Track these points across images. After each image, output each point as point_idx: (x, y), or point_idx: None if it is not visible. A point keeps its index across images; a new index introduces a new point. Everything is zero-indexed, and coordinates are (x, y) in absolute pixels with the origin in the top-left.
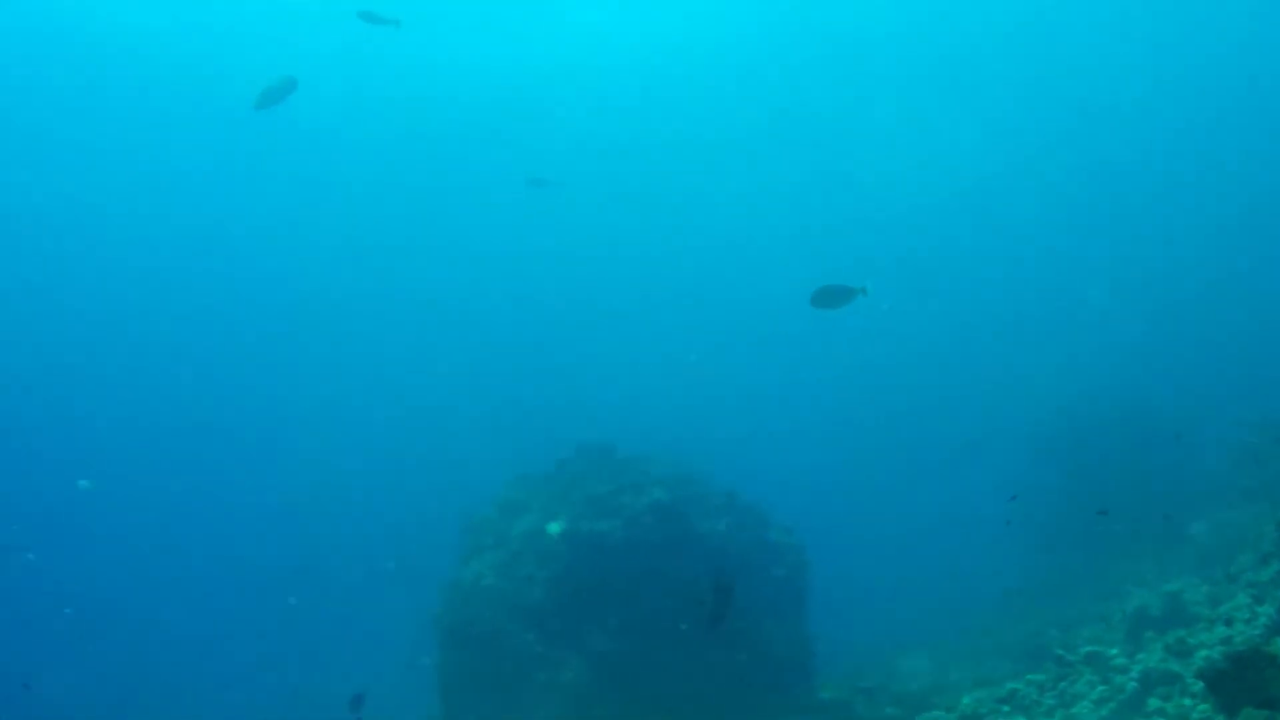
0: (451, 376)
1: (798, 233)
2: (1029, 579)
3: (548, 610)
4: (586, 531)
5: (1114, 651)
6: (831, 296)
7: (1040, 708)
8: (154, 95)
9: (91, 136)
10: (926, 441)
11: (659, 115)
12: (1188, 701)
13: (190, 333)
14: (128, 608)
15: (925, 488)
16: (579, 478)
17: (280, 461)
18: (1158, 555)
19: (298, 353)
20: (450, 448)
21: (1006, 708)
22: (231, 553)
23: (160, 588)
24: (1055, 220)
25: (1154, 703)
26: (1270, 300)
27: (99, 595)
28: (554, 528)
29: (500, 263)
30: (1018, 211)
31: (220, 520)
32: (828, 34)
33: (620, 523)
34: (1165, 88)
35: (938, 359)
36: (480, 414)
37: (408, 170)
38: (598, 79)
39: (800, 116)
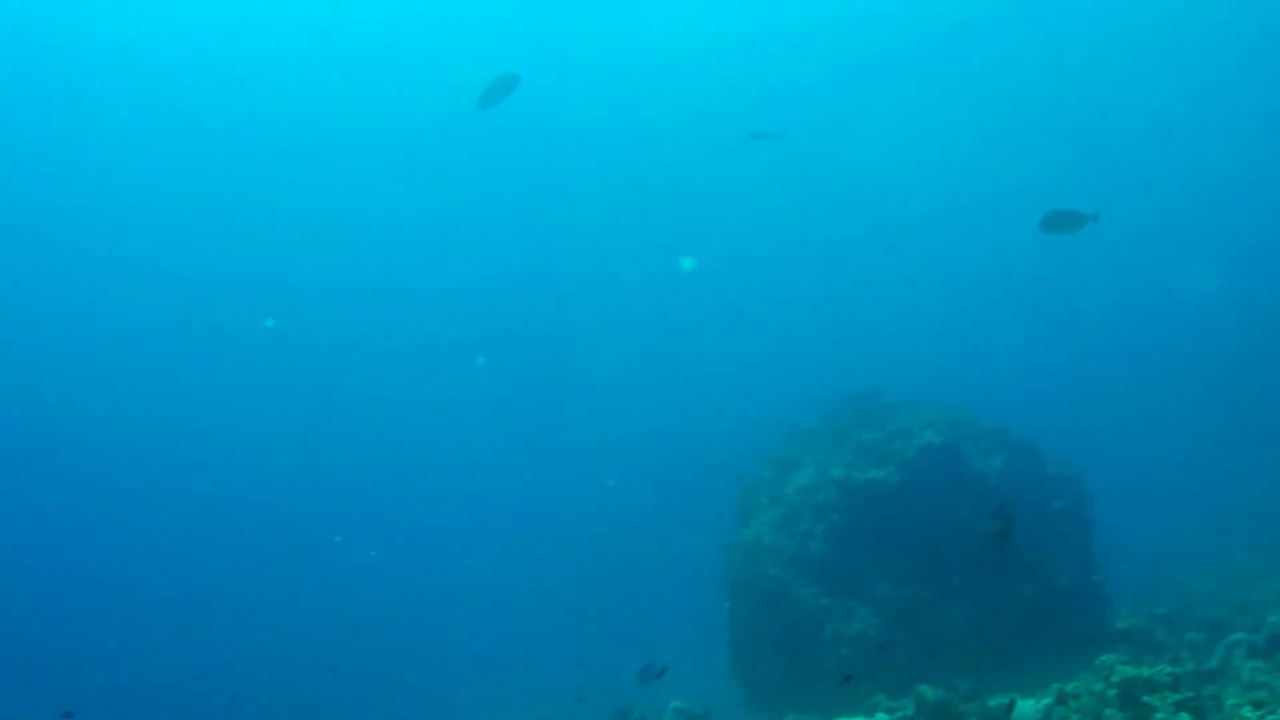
0: (710, 342)
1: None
2: None
3: (830, 563)
4: (861, 480)
5: None
6: (1062, 221)
7: None
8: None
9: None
10: (1200, 354)
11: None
12: None
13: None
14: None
15: (1199, 402)
16: (848, 428)
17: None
18: None
19: (576, 330)
20: (719, 413)
21: None
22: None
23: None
24: None
25: None
26: None
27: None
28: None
29: (738, 224)
30: None
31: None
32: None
33: (894, 468)
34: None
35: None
36: (744, 375)
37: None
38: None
39: None
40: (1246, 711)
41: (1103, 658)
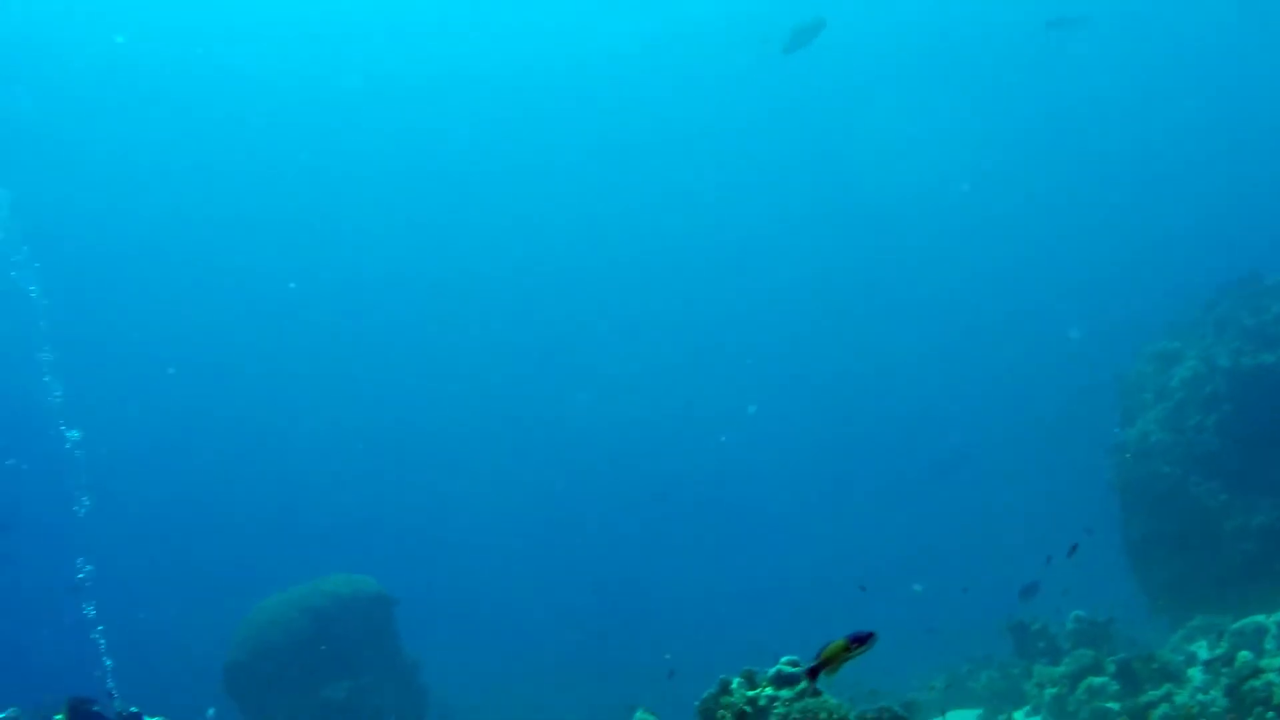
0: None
1: None
2: None
3: (1226, 455)
4: (1250, 366)
5: None
6: None
7: None
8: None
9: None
10: None
11: None
12: None
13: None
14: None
15: None
16: (1230, 314)
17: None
18: None
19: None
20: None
21: None
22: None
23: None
24: None
25: None
26: None
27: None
28: None
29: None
30: None
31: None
32: None
33: None
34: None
35: None
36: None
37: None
38: None
39: None
40: None
41: None
